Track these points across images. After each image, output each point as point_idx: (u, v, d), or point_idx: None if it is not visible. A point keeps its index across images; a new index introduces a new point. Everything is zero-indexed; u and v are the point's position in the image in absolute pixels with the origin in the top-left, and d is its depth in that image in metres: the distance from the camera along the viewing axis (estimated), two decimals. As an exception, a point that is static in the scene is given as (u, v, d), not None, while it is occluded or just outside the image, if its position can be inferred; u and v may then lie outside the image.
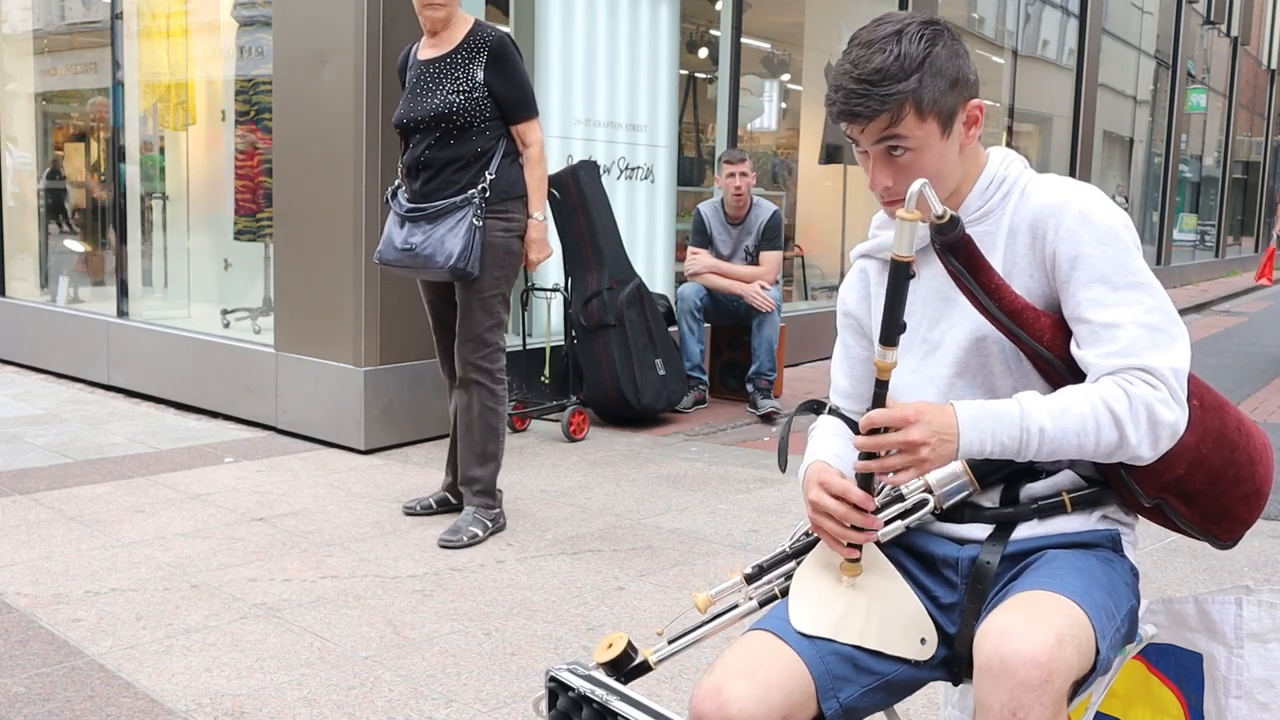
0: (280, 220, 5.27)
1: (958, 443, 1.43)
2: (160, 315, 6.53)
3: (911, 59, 1.48)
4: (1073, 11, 12.78)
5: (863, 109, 1.49)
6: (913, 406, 1.43)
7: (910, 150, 1.51)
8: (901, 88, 1.48)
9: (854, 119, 1.51)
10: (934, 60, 1.49)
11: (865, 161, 1.57)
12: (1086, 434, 1.44)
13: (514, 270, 3.73)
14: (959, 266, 1.49)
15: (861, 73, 1.49)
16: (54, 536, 3.65)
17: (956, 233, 1.47)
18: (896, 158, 1.53)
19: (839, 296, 1.81)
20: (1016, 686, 1.28)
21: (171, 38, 6.61)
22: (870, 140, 1.53)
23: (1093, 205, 1.51)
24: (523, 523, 3.90)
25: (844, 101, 1.51)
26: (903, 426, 1.41)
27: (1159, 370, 1.45)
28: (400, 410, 5.02)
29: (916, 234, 1.40)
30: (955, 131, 1.54)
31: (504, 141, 3.67)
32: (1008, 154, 1.62)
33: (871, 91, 1.48)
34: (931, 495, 1.56)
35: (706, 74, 8.59)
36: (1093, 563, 1.50)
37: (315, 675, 2.66)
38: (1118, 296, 1.47)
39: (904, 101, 1.48)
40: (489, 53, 3.61)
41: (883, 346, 1.42)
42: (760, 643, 1.50)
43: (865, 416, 1.44)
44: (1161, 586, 3.32)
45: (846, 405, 1.78)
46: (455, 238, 3.55)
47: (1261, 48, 25.36)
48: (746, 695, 1.42)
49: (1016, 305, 1.50)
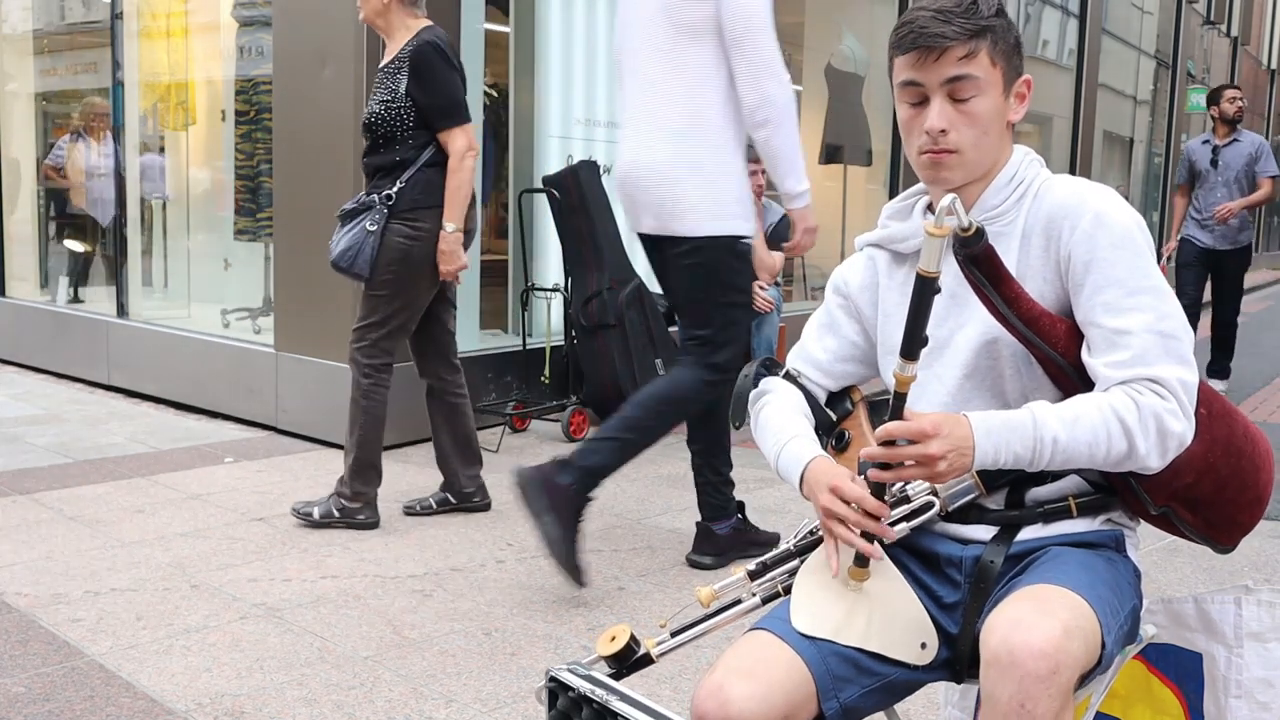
0: (280, 220, 5.27)
1: (973, 455, 1.43)
2: (160, 315, 6.53)
3: (995, 7, 1.53)
4: (1073, 11, 12.77)
5: (950, 33, 1.49)
6: (930, 420, 1.41)
7: (976, 96, 1.51)
8: (985, 24, 1.50)
9: (934, 43, 1.49)
10: (1009, 24, 1.55)
11: (913, 116, 1.55)
12: (1098, 444, 1.44)
13: (412, 278, 3.71)
14: (980, 278, 1.48)
15: (946, 4, 1.50)
16: (54, 536, 3.65)
17: (981, 245, 1.45)
18: (959, 104, 1.52)
19: (836, 274, 1.78)
20: (1024, 678, 1.28)
21: (171, 38, 6.61)
22: (941, 76, 1.51)
23: (1109, 207, 1.50)
24: (523, 523, 3.90)
25: (931, 23, 1.50)
26: (921, 440, 1.41)
27: (1168, 381, 1.44)
28: (400, 410, 5.01)
29: (943, 251, 1.38)
30: (1011, 99, 1.56)
31: (430, 151, 3.68)
32: (1029, 153, 1.61)
33: (954, 19, 1.49)
34: (937, 499, 1.55)
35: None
36: (1097, 560, 1.51)
37: (315, 675, 2.66)
38: (1132, 301, 1.46)
39: (986, 33, 1.51)
40: (409, 62, 3.63)
41: (903, 359, 1.40)
42: (762, 643, 1.50)
43: (882, 428, 1.43)
44: (1162, 586, 3.32)
45: (815, 377, 1.76)
46: (346, 238, 3.69)
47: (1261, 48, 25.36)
48: (748, 695, 1.42)
49: (1034, 313, 1.49)
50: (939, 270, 1.37)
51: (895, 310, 1.67)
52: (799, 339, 1.83)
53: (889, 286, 1.69)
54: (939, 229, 1.36)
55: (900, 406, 1.43)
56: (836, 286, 1.78)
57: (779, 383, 1.76)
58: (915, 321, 1.39)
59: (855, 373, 1.78)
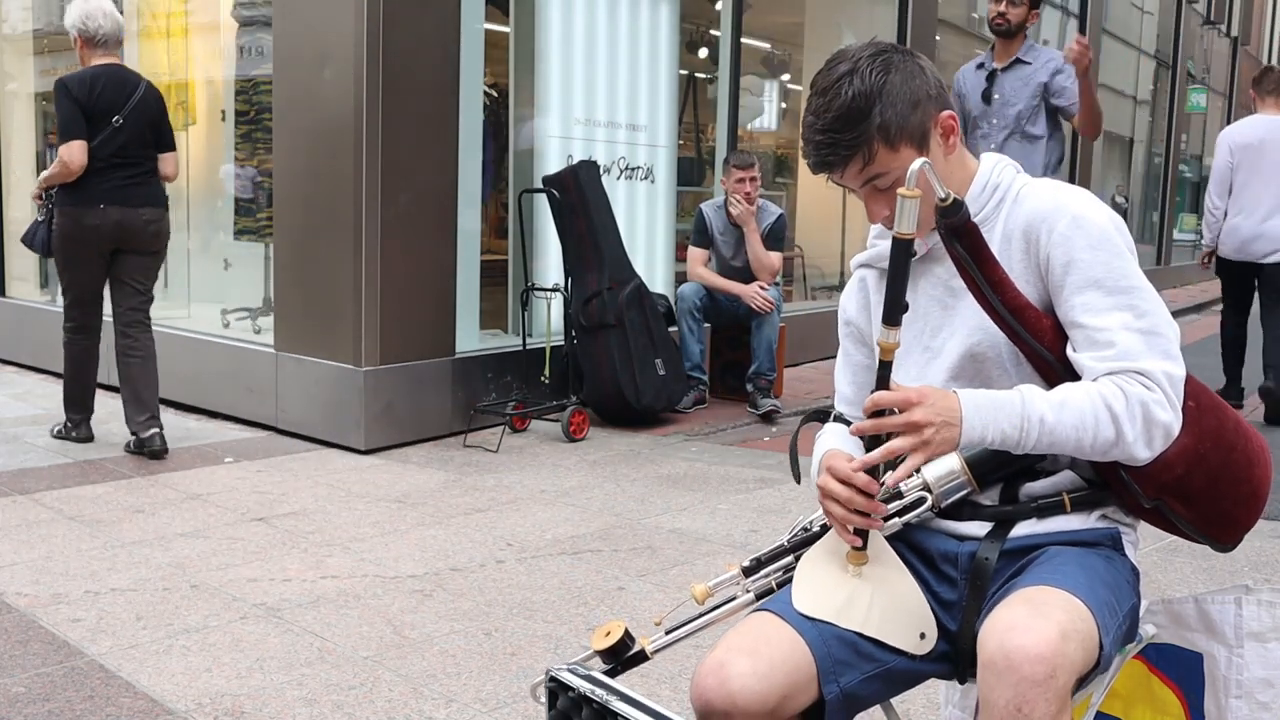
0: (280, 220, 5.27)
1: (960, 427, 1.44)
2: (160, 315, 6.50)
3: (866, 95, 1.49)
4: (1073, 11, 12.77)
5: (834, 158, 1.52)
6: (915, 389, 1.44)
7: (895, 179, 1.52)
8: (865, 128, 1.49)
9: (830, 169, 1.54)
10: (890, 90, 1.50)
11: (857, 195, 1.59)
12: (1085, 428, 1.45)
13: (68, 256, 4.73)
14: (963, 253, 1.50)
15: (824, 123, 1.51)
16: (54, 536, 3.65)
17: (960, 216, 1.48)
18: (885, 190, 1.55)
19: (840, 305, 1.83)
20: (1021, 682, 1.28)
21: (171, 38, 6.61)
22: (854, 183, 1.56)
23: (1085, 209, 1.52)
24: (523, 523, 3.90)
25: (815, 154, 1.54)
26: (907, 408, 1.42)
27: (1153, 374, 1.46)
28: (400, 410, 5.02)
29: (917, 212, 1.41)
30: (934, 145, 1.55)
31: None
32: (999, 159, 1.63)
33: (838, 140, 1.50)
34: (929, 494, 1.56)
35: (706, 74, 8.58)
36: (1095, 559, 1.51)
37: (315, 675, 2.66)
38: (1111, 301, 1.48)
39: (870, 140, 1.50)
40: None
41: (886, 326, 1.43)
42: (764, 623, 1.51)
43: (869, 398, 1.45)
44: (1161, 586, 3.32)
45: (851, 412, 1.79)
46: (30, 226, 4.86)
47: (1261, 48, 25.36)
48: (749, 672, 1.42)
49: (1019, 303, 1.51)
50: (914, 231, 1.41)
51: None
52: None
53: (879, 303, 1.71)
54: (910, 191, 1.40)
55: (886, 376, 1.45)
56: (841, 318, 1.82)
57: (829, 424, 1.80)
58: (894, 286, 1.42)
59: None
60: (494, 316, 6.11)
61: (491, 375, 5.47)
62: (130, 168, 4.68)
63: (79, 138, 4.56)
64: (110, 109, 4.62)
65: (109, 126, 4.61)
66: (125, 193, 4.66)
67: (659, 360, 5.58)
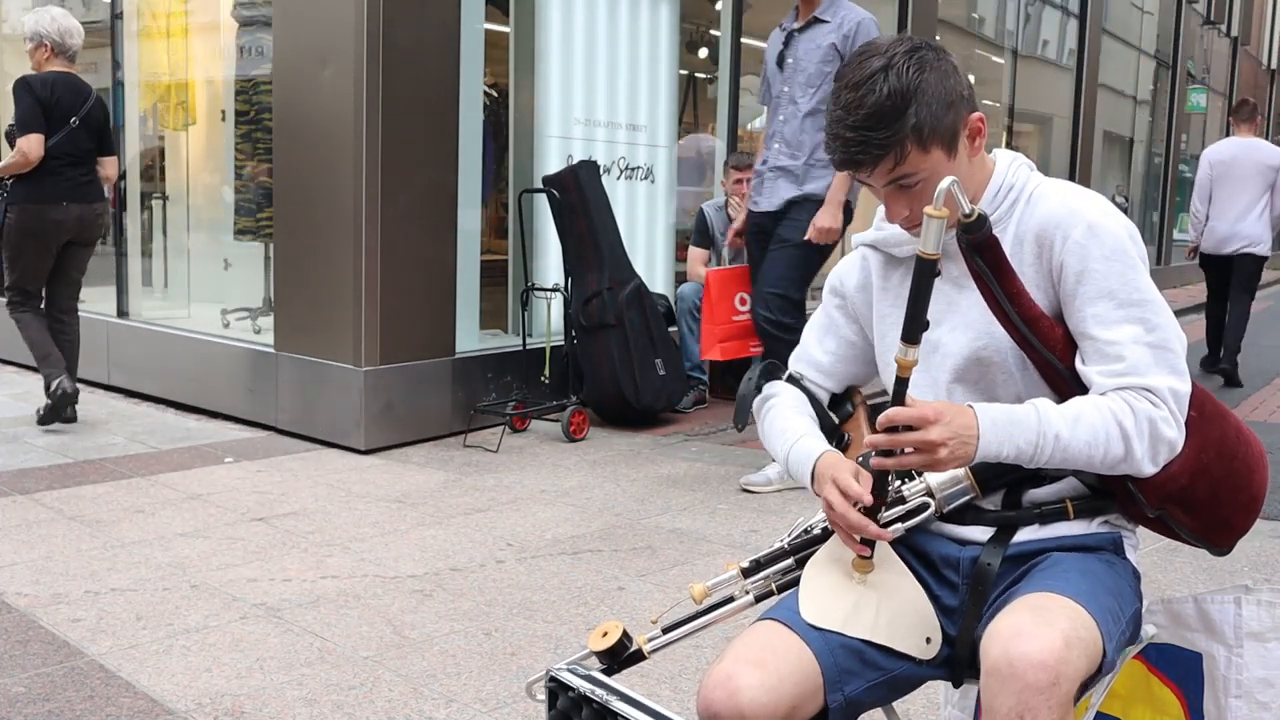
0: (280, 220, 5.27)
1: (976, 445, 1.43)
2: (160, 315, 6.53)
3: (903, 94, 1.44)
4: (1073, 11, 12.77)
5: (865, 157, 1.47)
6: (932, 406, 1.42)
7: (922, 180, 1.49)
8: (899, 127, 1.45)
9: (859, 167, 1.48)
10: (925, 89, 1.46)
11: (877, 192, 1.55)
12: (1096, 445, 1.44)
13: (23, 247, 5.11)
14: (983, 267, 1.48)
15: (855, 119, 1.45)
16: (54, 536, 3.65)
17: (984, 232, 1.46)
18: (910, 190, 1.51)
19: (833, 275, 1.78)
20: (1024, 689, 1.28)
21: (171, 38, 6.61)
22: (879, 181, 1.51)
23: (1101, 217, 1.50)
24: (523, 523, 3.90)
25: (843, 150, 1.49)
26: (923, 426, 1.41)
27: (1160, 390, 1.46)
28: (400, 410, 5.02)
29: (944, 232, 1.38)
30: (961, 148, 1.52)
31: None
32: (1015, 158, 1.61)
33: (870, 138, 1.45)
34: (932, 499, 1.56)
35: (706, 74, 8.58)
36: (1097, 565, 1.51)
37: (315, 675, 2.66)
38: (1123, 313, 1.47)
39: (904, 140, 1.45)
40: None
41: (905, 344, 1.41)
42: (771, 633, 1.50)
43: (884, 414, 1.43)
44: (1162, 587, 3.32)
45: (817, 379, 1.76)
46: None
47: (1261, 48, 25.35)
48: (757, 684, 1.42)
49: (1034, 313, 1.50)
50: (939, 253, 1.38)
51: (890, 312, 1.67)
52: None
53: (884, 289, 1.69)
54: (937, 211, 1.36)
55: (902, 392, 1.43)
56: (833, 287, 1.78)
57: (783, 386, 1.77)
58: (916, 305, 1.39)
59: (856, 373, 1.78)
60: (494, 316, 6.11)
61: (491, 375, 5.47)
62: (81, 166, 5.19)
63: (38, 131, 5.01)
64: (69, 111, 5.11)
65: (67, 127, 5.10)
66: (83, 190, 5.19)
67: (659, 360, 5.58)
